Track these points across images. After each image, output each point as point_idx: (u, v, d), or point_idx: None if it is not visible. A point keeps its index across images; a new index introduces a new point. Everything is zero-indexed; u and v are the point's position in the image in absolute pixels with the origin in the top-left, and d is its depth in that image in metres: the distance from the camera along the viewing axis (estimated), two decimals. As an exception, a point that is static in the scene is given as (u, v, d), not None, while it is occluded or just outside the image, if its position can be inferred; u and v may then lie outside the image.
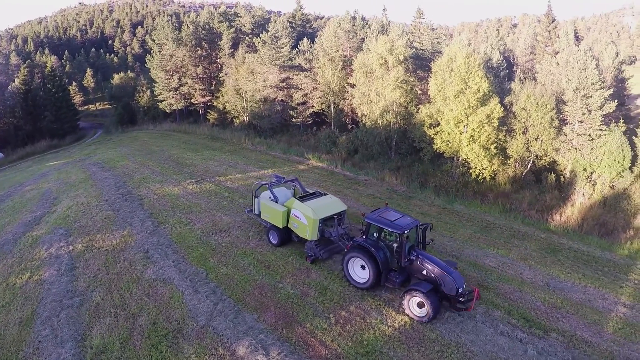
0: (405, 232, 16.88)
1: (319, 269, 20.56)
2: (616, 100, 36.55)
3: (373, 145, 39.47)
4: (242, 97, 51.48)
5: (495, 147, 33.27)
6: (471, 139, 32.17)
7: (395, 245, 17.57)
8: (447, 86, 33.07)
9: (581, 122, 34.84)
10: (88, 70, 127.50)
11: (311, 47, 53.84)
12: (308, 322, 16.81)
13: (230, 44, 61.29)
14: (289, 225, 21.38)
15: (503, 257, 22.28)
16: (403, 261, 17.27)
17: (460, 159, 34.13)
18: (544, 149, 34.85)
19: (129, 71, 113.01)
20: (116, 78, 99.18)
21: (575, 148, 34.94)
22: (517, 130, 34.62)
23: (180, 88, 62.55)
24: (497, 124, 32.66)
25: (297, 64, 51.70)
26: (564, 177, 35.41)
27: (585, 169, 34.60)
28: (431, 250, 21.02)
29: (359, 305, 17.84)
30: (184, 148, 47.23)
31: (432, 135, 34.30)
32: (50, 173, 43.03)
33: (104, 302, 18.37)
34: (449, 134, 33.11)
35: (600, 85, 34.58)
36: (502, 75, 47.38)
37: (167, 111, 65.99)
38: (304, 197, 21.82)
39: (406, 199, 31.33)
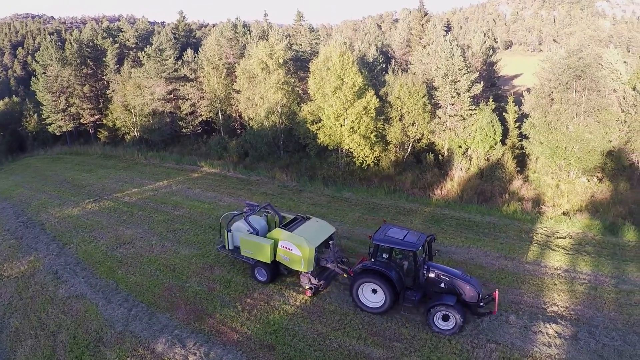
0: (419, 248, 16.63)
1: (222, 265, 21.72)
2: (482, 82, 39.99)
3: (261, 146, 40.29)
4: (131, 112, 50.22)
5: (375, 136, 35.15)
6: (351, 130, 33.88)
7: (405, 263, 17.21)
8: (325, 84, 34.51)
9: (452, 104, 37.70)
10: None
11: (195, 57, 53.80)
12: (217, 313, 18.04)
13: (116, 59, 59.39)
14: (276, 259, 19.22)
15: (390, 232, 24.18)
16: (421, 278, 16.83)
17: (343, 150, 35.77)
18: (420, 132, 37.47)
19: (13, 96, 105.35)
20: (0, 104, 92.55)
21: (450, 128, 37.79)
22: (394, 118, 36.73)
23: (69, 109, 59.46)
24: (375, 114, 34.56)
25: (183, 75, 51.56)
26: (442, 155, 38.20)
27: (460, 146, 37.68)
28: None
29: (262, 292, 19.23)
30: (78, 169, 45.61)
31: (315, 131, 35.66)
32: (-58, 211, 39.95)
33: (23, 325, 18.48)
34: (330, 128, 34.64)
35: (467, 70, 37.67)
36: (379, 69, 49.94)
37: (57, 134, 62.53)
38: (289, 225, 19.77)
39: (297, 192, 32.86)
